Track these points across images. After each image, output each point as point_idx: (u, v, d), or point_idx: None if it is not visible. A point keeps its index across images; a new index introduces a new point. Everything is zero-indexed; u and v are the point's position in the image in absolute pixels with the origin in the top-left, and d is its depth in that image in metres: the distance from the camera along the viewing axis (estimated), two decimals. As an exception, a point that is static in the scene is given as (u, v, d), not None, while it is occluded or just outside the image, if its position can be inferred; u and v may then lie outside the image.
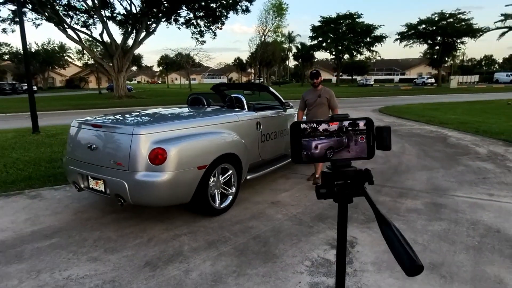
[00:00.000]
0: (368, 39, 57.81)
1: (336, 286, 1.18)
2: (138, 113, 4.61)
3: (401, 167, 6.08)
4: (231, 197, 4.13)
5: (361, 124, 1.04)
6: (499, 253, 3.08)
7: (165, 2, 26.88)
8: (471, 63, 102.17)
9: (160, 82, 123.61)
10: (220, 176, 3.97)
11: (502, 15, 17.83)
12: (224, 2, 27.85)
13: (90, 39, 32.40)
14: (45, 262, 2.98)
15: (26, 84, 42.53)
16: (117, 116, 4.30)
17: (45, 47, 54.58)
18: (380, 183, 5.12)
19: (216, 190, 3.92)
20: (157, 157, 3.28)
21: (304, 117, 5.38)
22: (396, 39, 52.74)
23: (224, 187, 4.05)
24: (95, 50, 41.78)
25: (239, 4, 28.08)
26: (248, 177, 4.48)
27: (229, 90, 6.32)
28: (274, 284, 2.65)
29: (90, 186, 3.71)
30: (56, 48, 57.88)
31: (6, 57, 55.10)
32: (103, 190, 3.56)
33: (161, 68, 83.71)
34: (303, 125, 1.02)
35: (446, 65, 63.50)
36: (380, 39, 57.11)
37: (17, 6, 8.44)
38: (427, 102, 21.84)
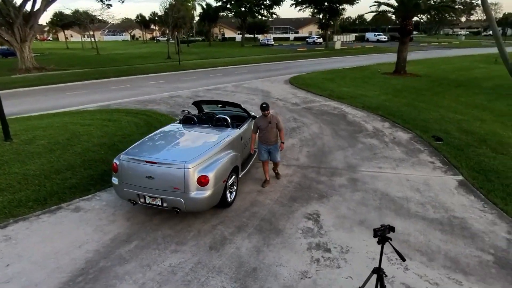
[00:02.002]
0: (267, 2, 59.25)
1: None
2: (169, 144, 5.56)
3: (325, 149, 8.36)
4: (234, 192, 5.75)
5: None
6: (389, 209, 5.51)
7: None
8: (347, 22, 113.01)
9: (51, 39, 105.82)
10: (229, 181, 5.52)
11: (375, 1, 21.23)
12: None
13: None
14: (146, 259, 4.31)
15: None
16: (159, 151, 5.25)
17: None
18: (318, 165, 7.31)
19: (227, 190, 5.49)
20: (202, 181, 4.70)
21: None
22: (292, 4, 55.42)
23: (230, 187, 5.64)
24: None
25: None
26: (239, 175, 6.11)
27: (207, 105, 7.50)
28: (289, 246, 4.55)
29: (147, 202, 4.90)
30: None
31: None
32: (160, 204, 4.84)
33: (50, 24, 71.78)
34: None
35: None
36: (278, 2, 59.09)
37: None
38: (322, 68, 25.05)
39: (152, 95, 15.58)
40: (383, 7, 21.02)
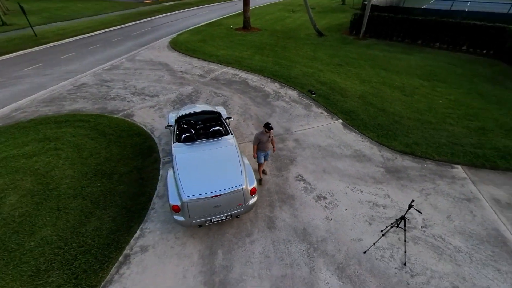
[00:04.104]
0: None
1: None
2: (207, 171, 4.80)
3: (260, 119, 8.85)
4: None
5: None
6: (328, 156, 7.10)
7: None
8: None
9: None
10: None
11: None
12: None
13: None
14: (241, 258, 4.53)
15: None
16: (210, 182, 4.58)
17: None
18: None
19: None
20: (253, 191, 4.86)
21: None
22: None
23: None
24: None
25: None
26: None
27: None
28: (306, 204, 5.62)
29: (213, 221, 4.72)
30: None
31: None
32: (224, 218, 4.78)
33: None
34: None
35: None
36: None
37: None
38: (185, 26, 21.96)
39: (50, 88, 10.87)
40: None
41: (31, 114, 8.83)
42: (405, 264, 4.50)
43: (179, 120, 6.36)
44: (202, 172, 4.89)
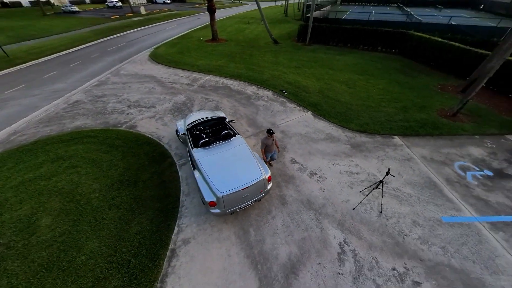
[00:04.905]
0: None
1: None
2: (232, 168, 4.52)
3: (249, 116, 8.64)
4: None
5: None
6: (310, 141, 7.32)
7: None
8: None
9: None
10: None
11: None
12: None
13: None
14: (270, 230, 4.57)
15: None
16: (238, 177, 4.35)
17: None
18: (261, 130, 7.84)
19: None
20: (269, 179, 4.82)
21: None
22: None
23: None
24: None
25: None
26: None
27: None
28: (305, 180, 5.79)
29: (242, 208, 4.59)
30: None
31: None
32: (250, 204, 4.69)
33: None
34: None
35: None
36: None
37: None
38: (159, 40, 19.81)
39: (43, 108, 8.95)
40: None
41: (33, 136, 7.24)
42: (381, 212, 5.02)
43: (190, 128, 5.85)
44: (226, 170, 4.68)
